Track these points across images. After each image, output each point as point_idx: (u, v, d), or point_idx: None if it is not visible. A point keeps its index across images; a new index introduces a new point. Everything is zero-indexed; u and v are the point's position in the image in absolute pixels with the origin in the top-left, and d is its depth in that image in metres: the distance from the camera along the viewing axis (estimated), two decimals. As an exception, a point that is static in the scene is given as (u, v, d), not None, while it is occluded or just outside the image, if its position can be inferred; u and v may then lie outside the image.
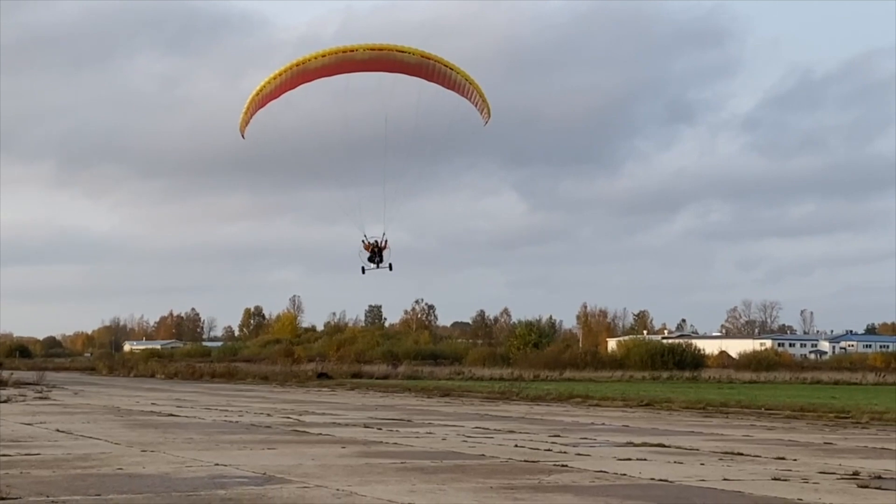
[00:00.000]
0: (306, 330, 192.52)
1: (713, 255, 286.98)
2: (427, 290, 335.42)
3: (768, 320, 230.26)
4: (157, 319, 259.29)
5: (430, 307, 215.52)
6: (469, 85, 37.79)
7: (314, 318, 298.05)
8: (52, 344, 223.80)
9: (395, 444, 28.03)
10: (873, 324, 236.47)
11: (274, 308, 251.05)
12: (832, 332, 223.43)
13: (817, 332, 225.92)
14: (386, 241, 39.28)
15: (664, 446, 27.74)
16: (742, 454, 25.54)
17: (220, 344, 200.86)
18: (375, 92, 38.04)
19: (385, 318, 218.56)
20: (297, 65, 35.73)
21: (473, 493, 17.52)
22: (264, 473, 20.29)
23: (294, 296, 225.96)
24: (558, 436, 31.30)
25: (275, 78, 36.01)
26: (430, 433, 32.16)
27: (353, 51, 36.00)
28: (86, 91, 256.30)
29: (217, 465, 21.95)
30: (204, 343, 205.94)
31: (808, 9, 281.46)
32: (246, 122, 37.43)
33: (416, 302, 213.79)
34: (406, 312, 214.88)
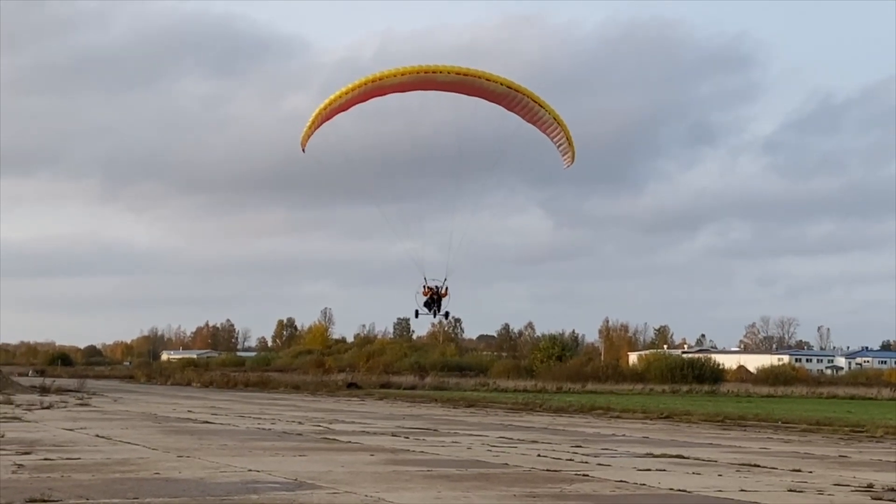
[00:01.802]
0: (337, 341, 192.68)
1: (733, 272, 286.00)
2: (454, 303, 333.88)
3: (786, 336, 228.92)
4: (194, 330, 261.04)
5: (457, 320, 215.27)
6: (555, 124, 35.27)
7: (345, 330, 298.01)
8: (92, 353, 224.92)
9: (422, 452, 28.02)
10: (889, 340, 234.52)
11: (306, 320, 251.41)
12: (848, 348, 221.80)
13: (834, 348, 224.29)
14: (447, 289, 37.37)
15: (683, 458, 27.62)
16: (759, 466, 25.40)
17: (253, 354, 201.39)
18: (403, 111, 37.55)
19: (413, 331, 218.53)
20: (374, 80, 33.84)
21: (497, 501, 17.51)
22: (295, 479, 20.33)
23: (325, 308, 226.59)
24: (580, 446, 31.22)
25: (347, 92, 34.11)
26: (455, 442, 32.14)
27: (435, 72, 33.95)
28: (132, 111, 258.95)
29: (250, 470, 22.02)
30: (238, 353, 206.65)
31: (830, 36, 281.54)
32: (309, 135, 35.53)
33: (444, 315, 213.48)
34: (433, 325, 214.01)
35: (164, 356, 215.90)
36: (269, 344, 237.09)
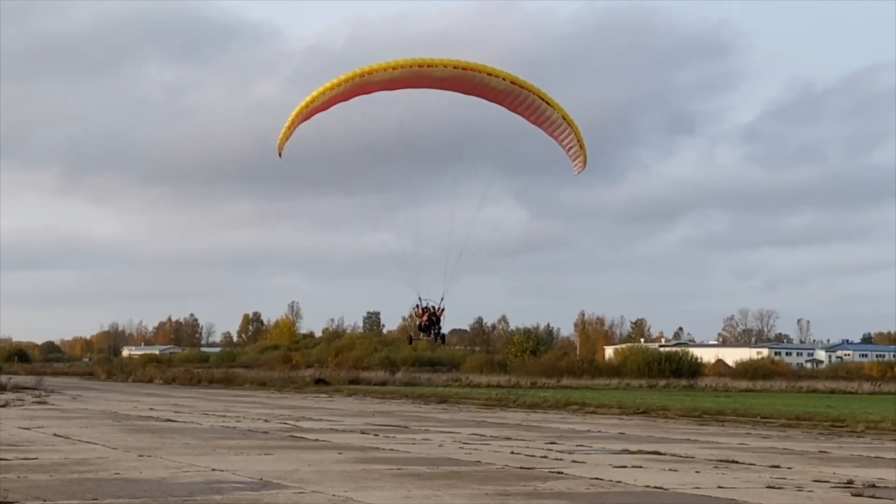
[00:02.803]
0: (304, 336, 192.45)
1: (711, 264, 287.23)
2: (426, 296, 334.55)
3: (765, 329, 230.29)
4: (156, 325, 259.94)
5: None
6: (565, 125, 32.72)
7: (312, 324, 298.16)
8: (50, 349, 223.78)
9: (392, 450, 28.03)
10: (869, 333, 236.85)
11: (272, 314, 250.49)
12: (828, 341, 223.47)
13: (814, 341, 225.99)
14: (443, 309, 35.15)
15: (660, 454, 27.74)
16: (737, 462, 25.55)
17: (218, 350, 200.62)
18: (378, 102, 35.92)
19: (383, 325, 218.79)
20: (361, 76, 31.23)
21: (469, 500, 17.53)
22: (261, 479, 20.28)
23: (293, 302, 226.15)
24: (554, 443, 31.31)
25: (330, 89, 31.51)
26: (426, 440, 32.16)
27: (431, 66, 31.42)
28: (93, 99, 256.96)
29: (214, 470, 21.95)
30: (202, 349, 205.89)
31: (810, 24, 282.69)
32: (287, 138, 32.97)
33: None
34: (404, 319, 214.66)
35: (125, 352, 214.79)
36: (235, 339, 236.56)
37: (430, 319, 33.79)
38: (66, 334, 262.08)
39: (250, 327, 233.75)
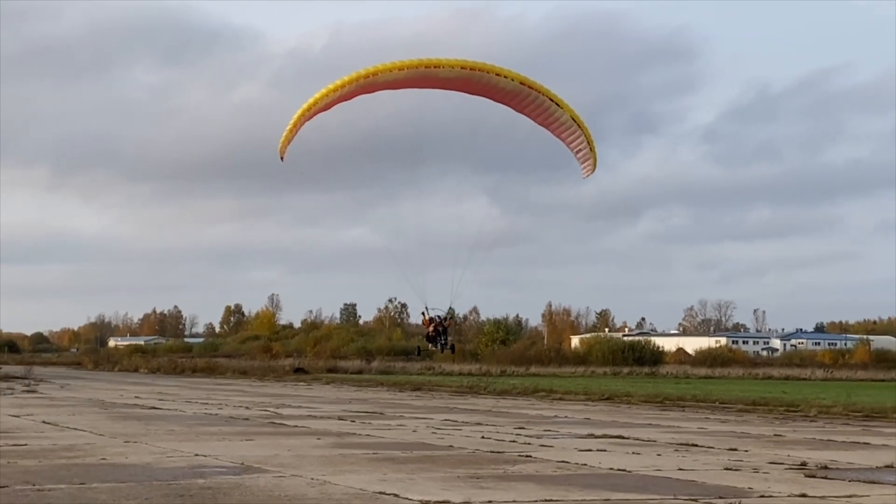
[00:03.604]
0: (284, 327, 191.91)
1: (672, 257, 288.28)
2: (401, 289, 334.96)
3: (723, 319, 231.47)
4: (141, 317, 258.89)
5: (403, 305, 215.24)
6: (575, 126, 30.81)
7: (292, 315, 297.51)
8: (39, 340, 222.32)
9: (368, 435, 28.01)
10: (822, 322, 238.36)
11: (253, 306, 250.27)
12: (783, 330, 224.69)
13: (769, 330, 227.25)
14: (452, 318, 32.46)
15: (623, 438, 27.84)
16: (697, 445, 25.67)
17: (201, 340, 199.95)
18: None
19: (360, 316, 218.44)
20: (366, 76, 29.25)
21: (441, 482, 17.55)
22: (242, 463, 20.23)
23: (273, 294, 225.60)
24: (523, 428, 31.36)
25: (334, 90, 29.57)
26: (401, 425, 32.15)
27: (437, 66, 29.41)
28: (82, 99, 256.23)
29: (197, 455, 21.87)
30: (186, 339, 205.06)
31: (767, 29, 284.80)
32: (289, 141, 30.88)
33: (390, 301, 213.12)
34: (379, 310, 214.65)
35: (112, 343, 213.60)
36: (217, 330, 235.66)
37: (436, 329, 31.82)
38: (55, 326, 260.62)
39: (232, 319, 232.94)
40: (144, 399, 47.85)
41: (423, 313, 31.88)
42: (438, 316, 31.84)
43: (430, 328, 32.00)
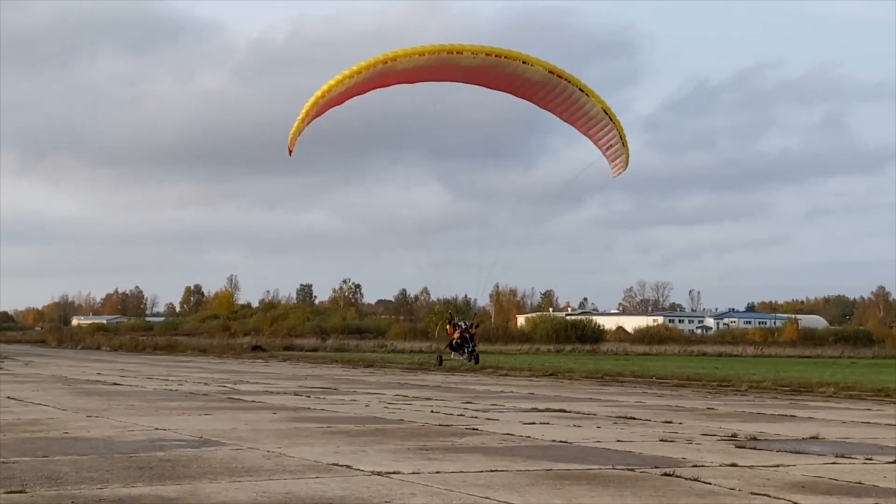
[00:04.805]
0: (242, 307, 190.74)
1: (614, 241, 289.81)
2: (355, 270, 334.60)
3: (661, 299, 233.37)
4: (104, 296, 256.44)
5: (357, 286, 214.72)
6: (606, 120, 27.72)
7: (250, 296, 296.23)
8: (4, 318, 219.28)
9: (322, 410, 27.94)
10: (753, 302, 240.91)
11: (213, 287, 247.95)
12: (717, 309, 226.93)
13: (704, 309, 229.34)
14: (477, 325, 29.04)
15: (565, 412, 27.98)
16: (634, 418, 25.86)
17: (161, 319, 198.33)
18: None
19: (315, 296, 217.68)
20: (384, 62, 25.85)
21: (392, 454, 17.55)
22: (201, 437, 20.10)
23: (231, 275, 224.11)
24: (470, 402, 31.43)
25: (349, 77, 26.12)
26: (354, 400, 32.11)
27: (459, 52, 26.01)
28: (50, 88, 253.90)
29: (157, 429, 21.71)
30: (147, 318, 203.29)
31: (705, 27, 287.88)
32: (298, 132, 27.36)
33: (344, 281, 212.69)
34: (334, 291, 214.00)
35: (75, 321, 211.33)
36: (177, 310, 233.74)
37: (462, 337, 30.36)
38: (20, 305, 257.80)
39: (192, 299, 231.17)
40: (106, 375, 47.39)
41: (449, 322, 29.91)
42: (465, 322, 29.94)
43: (457, 335, 30.26)
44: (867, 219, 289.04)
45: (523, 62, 26.49)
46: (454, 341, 30.30)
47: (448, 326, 29.93)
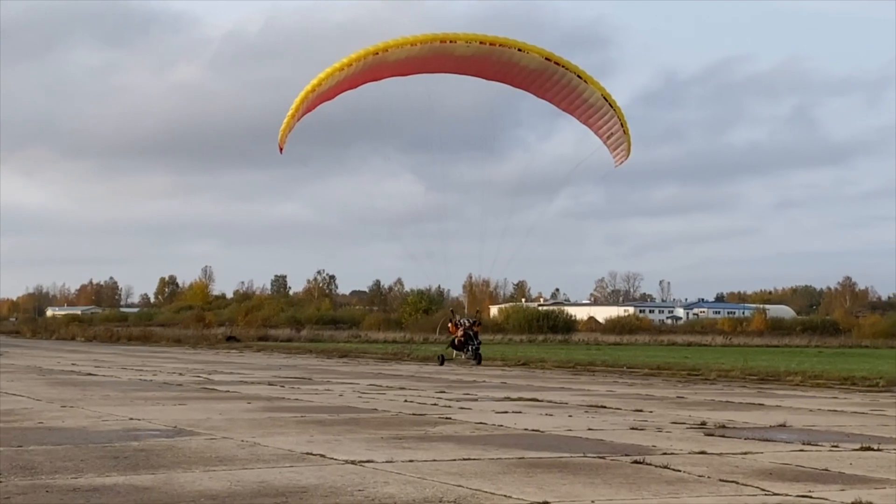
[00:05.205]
0: (217, 297, 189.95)
1: (585, 232, 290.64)
2: (329, 262, 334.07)
3: (631, 290, 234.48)
4: (78, 287, 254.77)
5: (332, 277, 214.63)
6: (607, 107, 26.63)
7: (224, 286, 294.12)
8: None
9: (297, 399, 27.88)
10: (722, 293, 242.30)
11: (187, 278, 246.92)
12: (686, 300, 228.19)
13: (674, 300, 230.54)
14: (480, 322, 27.82)
15: (537, 401, 28.03)
16: (605, 407, 25.94)
17: (136, 310, 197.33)
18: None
19: (290, 287, 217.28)
20: (374, 53, 24.84)
21: (366, 443, 17.54)
22: (175, 427, 20.02)
23: (206, 266, 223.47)
24: (444, 392, 31.44)
25: (339, 69, 24.93)
26: (328, 390, 32.06)
27: (452, 41, 25.06)
28: (24, 80, 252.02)
29: (131, 419, 21.60)
30: (121, 309, 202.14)
31: (676, 22, 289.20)
32: (289, 129, 26.42)
33: (319, 272, 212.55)
34: (309, 282, 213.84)
35: (50, 312, 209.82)
36: (152, 301, 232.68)
37: (466, 335, 29.55)
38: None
39: (166, 289, 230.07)
40: (81, 366, 47.10)
41: (450, 320, 29.28)
42: (467, 319, 29.31)
43: (460, 334, 29.72)
44: (834, 210, 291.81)
45: (518, 49, 25.73)
46: (457, 340, 29.53)
47: (450, 325, 29.00)
